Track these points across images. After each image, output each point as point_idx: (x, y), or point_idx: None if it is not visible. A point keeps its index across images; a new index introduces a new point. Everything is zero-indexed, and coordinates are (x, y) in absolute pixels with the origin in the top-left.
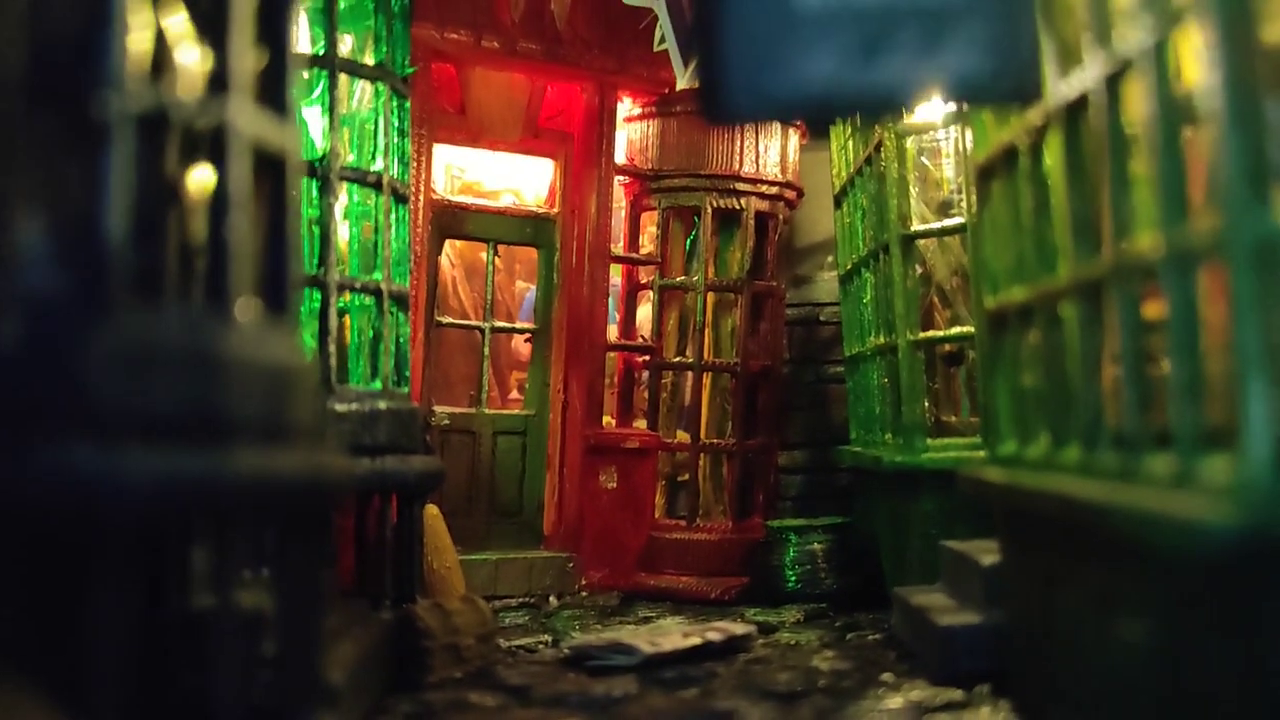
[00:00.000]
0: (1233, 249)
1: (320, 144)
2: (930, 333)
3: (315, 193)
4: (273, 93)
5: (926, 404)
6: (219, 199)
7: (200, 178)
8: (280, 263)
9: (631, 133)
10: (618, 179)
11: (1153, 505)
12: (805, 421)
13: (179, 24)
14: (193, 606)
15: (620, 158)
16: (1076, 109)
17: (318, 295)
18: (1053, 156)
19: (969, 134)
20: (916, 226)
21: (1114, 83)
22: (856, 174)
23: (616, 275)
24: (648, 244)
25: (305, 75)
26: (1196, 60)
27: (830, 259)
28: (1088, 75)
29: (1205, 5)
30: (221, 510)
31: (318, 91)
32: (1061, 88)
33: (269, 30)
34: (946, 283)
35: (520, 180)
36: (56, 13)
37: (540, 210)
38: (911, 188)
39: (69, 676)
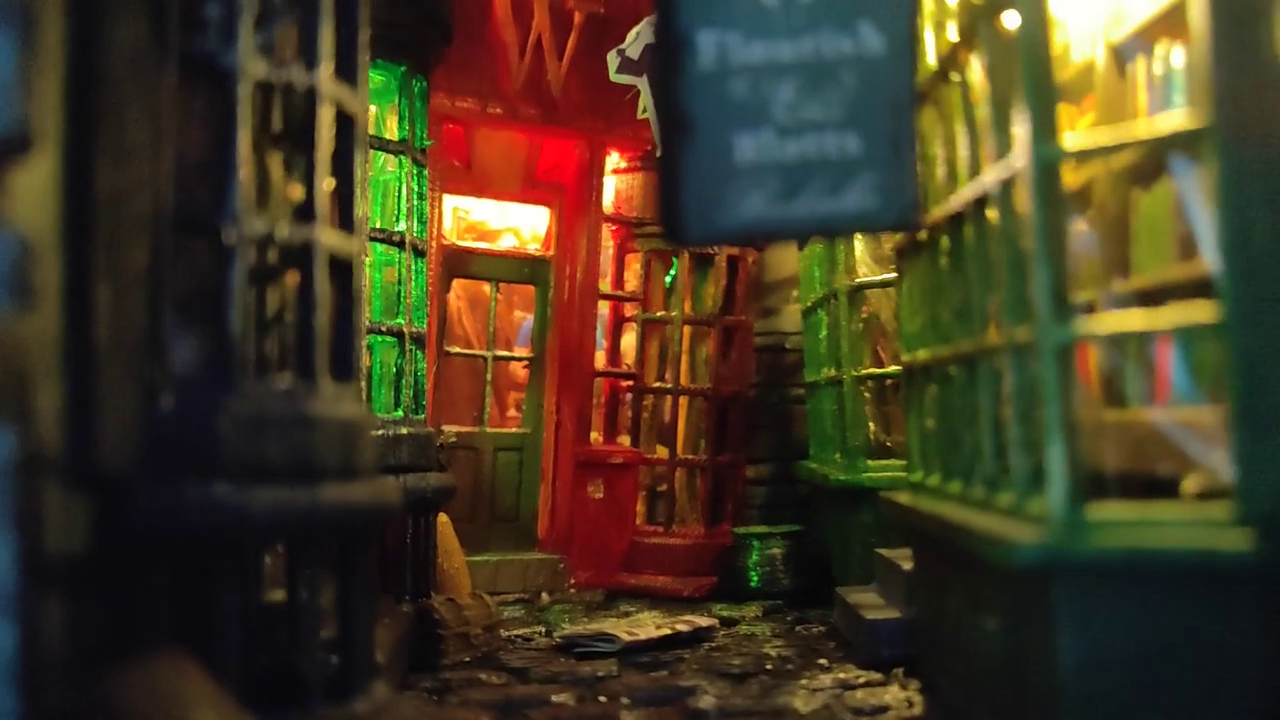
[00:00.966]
0: (1041, 350)
1: None
2: (871, 369)
3: None
4: (345, 213)
5: (873, 428)
6: (305, 298)
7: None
8: (348, 342)
9: (618, 184)
10: (606, 225)
11: (993, 528)
12: (771, 438)
13: (278, 165)
14: (274, 600)
15: (608, 206)
16: (951, 224)
17: None
18: (935, 260)
19: None
20: (861, 279)
21: (979, 207)
22: None
23: (604, 308)
24: (632, 281)
25: None
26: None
27: (796, 293)
28: (953, 202)
29: (1025, 172)
30: (312, 530)
31: None
32: (939, 209)
33: (341, 166)
34: (890, 324)
35: (518, 220)
36: (194, 164)
37: (537, 253)
38: (858, 243)
39: (204, 647)
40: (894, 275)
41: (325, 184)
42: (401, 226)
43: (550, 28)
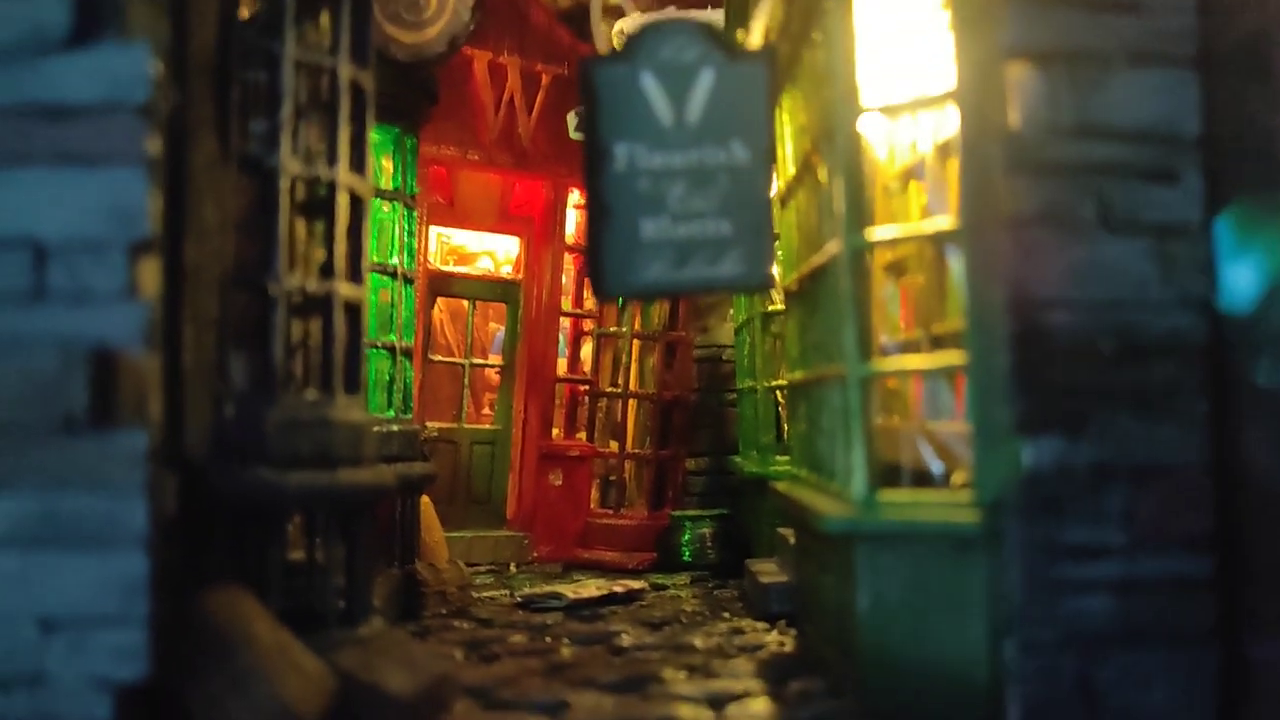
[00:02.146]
0: (849, 381)
1: None
2: (780, 381)
3: None
4: (355, 269)
5: (786, 428)
6: (326, 334)
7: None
8: (356, 365)
9: (579, 218)
10: (568, 253)
11: (822, 507)
12: (709, 436)
13: (306, 234)
14: (296, 558)
15: (570, 236)
16: (811, 278)
17: None
18: (805, 304)
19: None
20: (773, 307)
21: (816, 273)
22: None
23: (566, 323)
24: (590, 300)
25: None
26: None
27: (732, 311)
28: (814, 261)
29: (842, 254)
30: (330, 504)
31: None
32: (807, 265)
33: (353, 234)
34: None
35: (493, 246)
36: (247, 236)
37: (509, 276)
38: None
39: (252, 584)
40: None
41: (341, 248)
42: (394, 260)
43: (521, 88)
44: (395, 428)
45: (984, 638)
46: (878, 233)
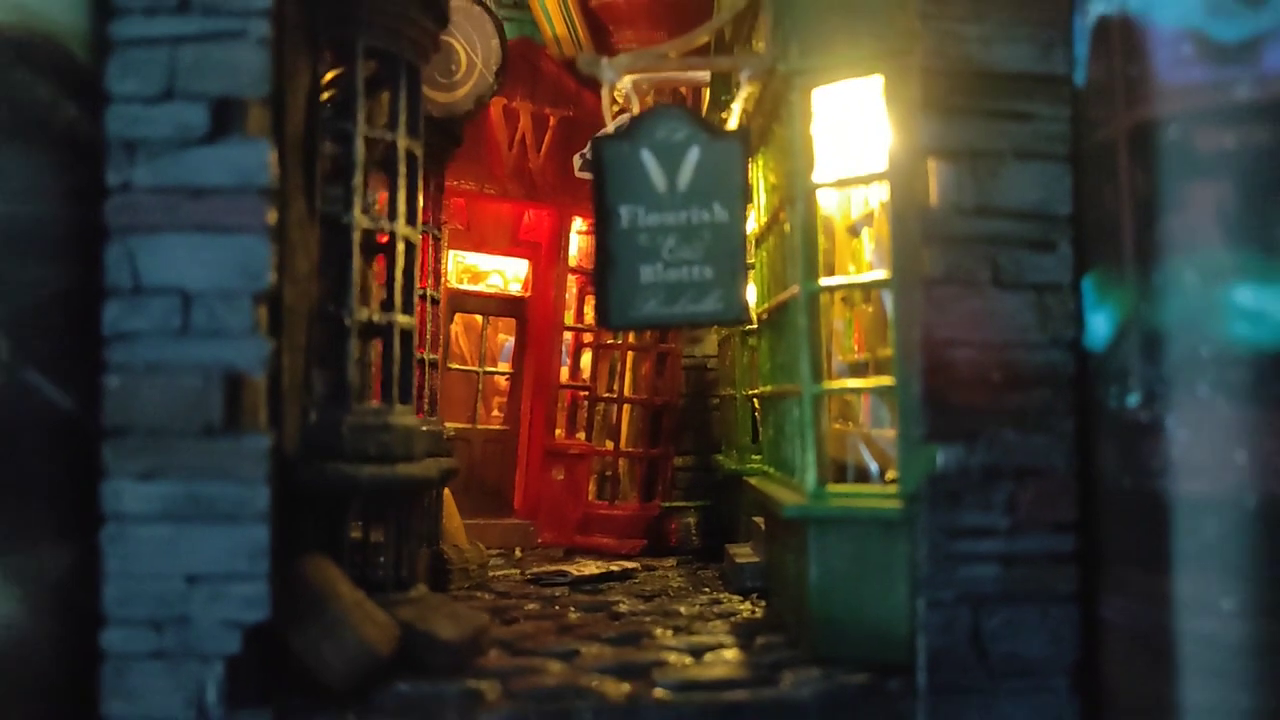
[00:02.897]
0: (804, 398)
1: None
2: (752, 390)
3: None
4: (407, 302)
5: (759, 431)
6: (386, 355)
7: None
8: (409, 380)
9: (581, 242)
10: (570, 274)
11: (782, 498)
12: (694, 437)
13: (371, 276)
14: (356, 536)
15: (573, 259)
16: (778, 310)
17: None
18: (774, 329)
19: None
20: (749, 327)
21: (781, 307)
22: None
23: (568, 336)
24: (590, 316)
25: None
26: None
27: (715, 327)
28: (781, 297)
29: (799, 296)
30: (389, 492)
31: None
32: (775, 299)
33: (406, 274)
34: None
35: (504, 267)
36: (328, 279)
37: (518, 294)
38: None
39: (331, 557)
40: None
41: (397, 286)
42: (426, 285)
43: (531, 129)
44: (424, 428)
45: (904, 599)
46: (828, 280)
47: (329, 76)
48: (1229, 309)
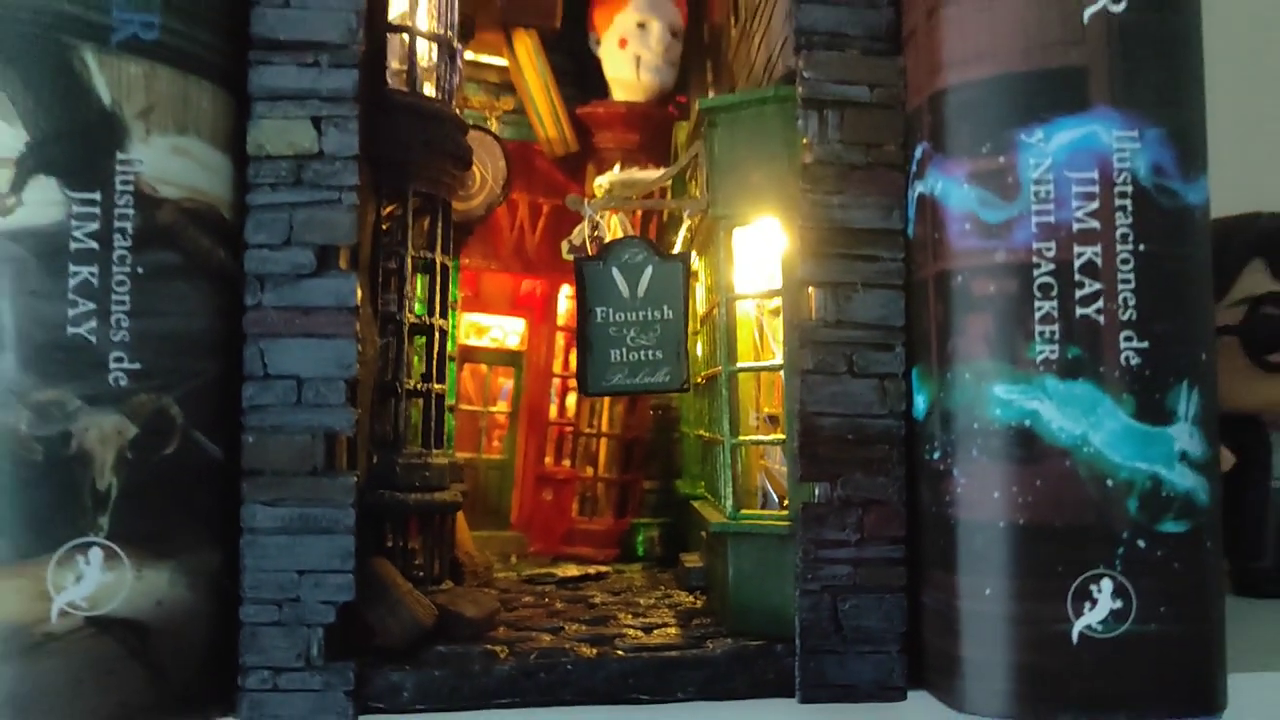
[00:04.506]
0: (725, 446)
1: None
2: (700, 431)
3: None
4: (440, 373)
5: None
6: (426, 413)
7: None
8: (441, 430)
9: (568, 305)
10: (559, 331)
11: (712, 517)
12: (659, 465)
13: (416, 355)
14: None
15: (561, 317)
16: (705, 382)
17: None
18: (709, 388)
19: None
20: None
21: (711, 378)
22: None
23: (557, 382)
24: (574, 365)
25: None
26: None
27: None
28: (707, 372)
29: (721, 374)
30: (428, 513)
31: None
32: (712, 369)
33: (440, 352)
34: None
35: (503, 324)
36: (386, 360)
37: (515, 347)
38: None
39: (389, 559)
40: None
41: (434, 362)
42: (449, 347)
43: (528, 215)
44: (444, 461)
45: (790, 590)
46: (742, 365)
47: (386, 211)
48: (990, 399)
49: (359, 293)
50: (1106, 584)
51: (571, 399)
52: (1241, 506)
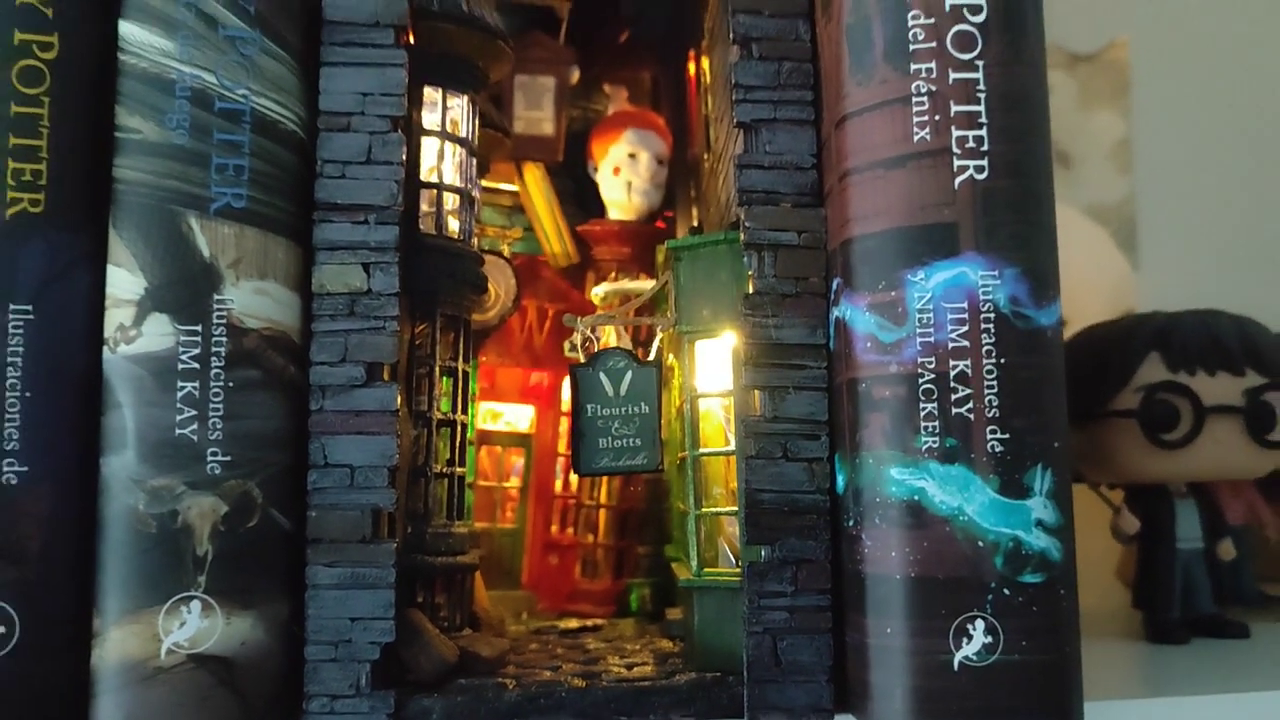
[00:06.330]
0: (690, 517)
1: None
2: (678, 503)
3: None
4: (461, 458)
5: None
6: (448, 491)
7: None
8: (462, 504)
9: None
10: (563, 416)
11: (682, 575)
12: (652, 531)
13: (442, 444)
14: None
15: (565, 404)
16: (678, 462)
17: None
18: (679, 472)
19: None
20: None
21: (681, 460)
22: None
23: (561, 460)
24: None
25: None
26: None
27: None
28: (677, 456)
29: (687, 459)
30: (451, 573)
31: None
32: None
33: (460, 440)
34: None
35: (515, 410)
36: (418, 449)
37: (525, 430)
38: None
39: (422, 610)
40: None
41: (456, 450)
42: (469, 434)
43: (536, 319)
44: (465, 530)
45: (740, 633)
46: (704, 450)
47: (419, 330)
48: (887, 479)
49: (399, 398)
50: (980, 623)
51: (574, 475)
52: (1152, 565)
